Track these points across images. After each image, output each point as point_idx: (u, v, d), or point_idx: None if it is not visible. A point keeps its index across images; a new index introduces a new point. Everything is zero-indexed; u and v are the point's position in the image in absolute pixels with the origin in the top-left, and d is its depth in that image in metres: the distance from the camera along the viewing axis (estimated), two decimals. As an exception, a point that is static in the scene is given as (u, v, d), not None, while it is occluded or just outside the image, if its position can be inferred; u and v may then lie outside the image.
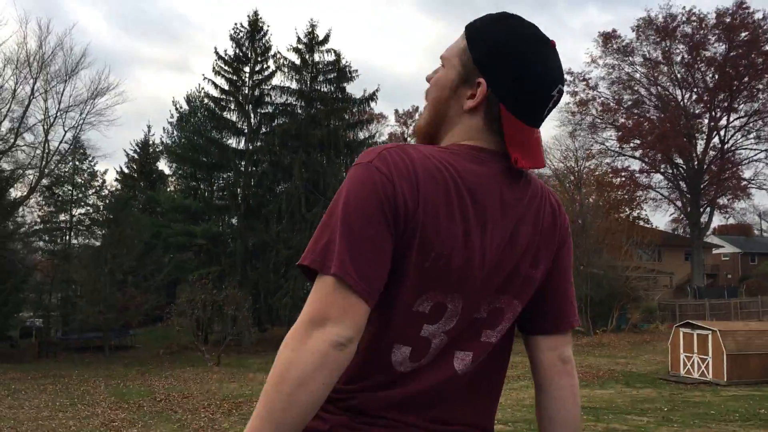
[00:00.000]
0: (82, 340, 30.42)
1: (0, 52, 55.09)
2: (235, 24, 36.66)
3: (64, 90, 35.35)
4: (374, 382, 1.17)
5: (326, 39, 33.72)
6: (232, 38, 33.37)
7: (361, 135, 34.27)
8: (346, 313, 1.05)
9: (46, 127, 34.85)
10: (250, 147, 32.97)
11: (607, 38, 41.60)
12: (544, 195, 1.27)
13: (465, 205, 1.13)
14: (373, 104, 34.68)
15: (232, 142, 33.58)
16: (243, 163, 32.87)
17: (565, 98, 50.81)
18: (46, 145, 34.88)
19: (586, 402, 12.39)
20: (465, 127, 1.21)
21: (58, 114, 35.05)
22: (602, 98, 43.10)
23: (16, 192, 34.43)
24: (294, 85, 33.34)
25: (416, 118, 62.41)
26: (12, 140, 33.86)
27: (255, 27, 33.51)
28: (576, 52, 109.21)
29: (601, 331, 27.94)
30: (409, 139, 62.62)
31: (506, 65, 1.17)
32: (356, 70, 33.59)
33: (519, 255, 1.20)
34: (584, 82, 42.70)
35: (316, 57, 33.52)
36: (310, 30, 33.53)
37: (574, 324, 1.31)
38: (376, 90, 33.92)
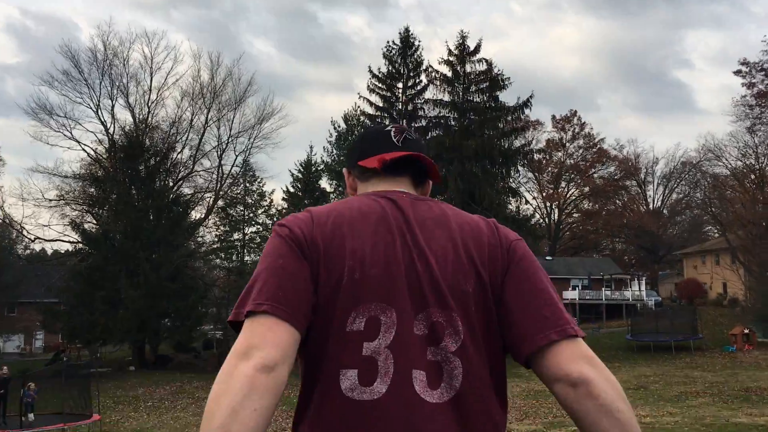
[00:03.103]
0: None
1: (178, 87, 60.56)
2: (388, 42, 37.63)
3: (234, 117, 38.07)
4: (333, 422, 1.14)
5: (477, 49, 33.64)
6: (385, 56, 34.23)
7: (517, 143, 33.80)
8: (266, 337, 1.09)
9: (219, 152, 37.72)
10: (406, 161, 33.49)
11: (788, 21, 37.78)
12: (460, 215, 1.33)
13: (368, 225, 1.24)
14: (527, 111, 34.15)
15: (389, 157, 34.30)
16: (400, 177, 33.46)
17: (742, 91, 46.75)
18: (220, 169, 37.72)
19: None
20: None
21: (229, 140, 37.87)
22: (785, 87, 39.18)
23: (195, 214, 37.51)
24: (446, 98, 33.61)
25: (573, 123, 60.36)
26: (191, 166, 36.95)
27: (407, 43, 34.13)
28: (755, 41, 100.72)
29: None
30: (567, 144, 60.53)
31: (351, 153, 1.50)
32: (508, 78, 33.28)
33: (442, 268, 1.22)
34: (762, 72, 39.12)
35: (468, 68, 33.56)
36: (460, 42, 33.62)
37: (568, 331, 1.18)
38: (530, 96, 33.35)
